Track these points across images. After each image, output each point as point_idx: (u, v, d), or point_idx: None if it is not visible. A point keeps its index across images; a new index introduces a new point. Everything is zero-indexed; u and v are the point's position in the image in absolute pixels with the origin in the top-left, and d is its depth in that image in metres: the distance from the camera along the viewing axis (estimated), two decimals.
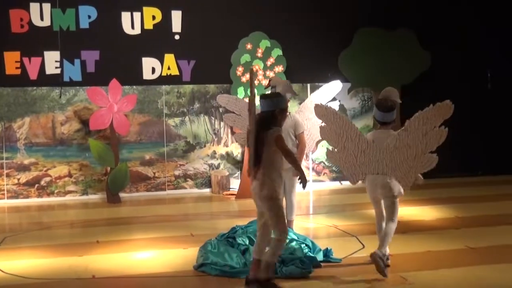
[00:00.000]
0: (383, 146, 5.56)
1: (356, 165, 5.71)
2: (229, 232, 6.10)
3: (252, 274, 5.03)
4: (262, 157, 5.02)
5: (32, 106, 10.02)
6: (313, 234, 7.16)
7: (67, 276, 5.60)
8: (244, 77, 10.26)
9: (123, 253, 6.42)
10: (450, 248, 6.33)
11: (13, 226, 8.32)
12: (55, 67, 10.04)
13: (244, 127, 7.27)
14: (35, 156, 10.02)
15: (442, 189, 10.10)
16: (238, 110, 7.41)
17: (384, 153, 5.54)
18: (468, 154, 11.33)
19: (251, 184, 5.13)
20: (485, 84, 11.85)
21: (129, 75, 10.24)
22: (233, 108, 7.47)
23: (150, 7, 10.39)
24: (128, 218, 8.60)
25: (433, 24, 11.30)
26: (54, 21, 9.99)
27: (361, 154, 5.70)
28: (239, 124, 7.49)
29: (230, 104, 7.54)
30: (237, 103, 7.52)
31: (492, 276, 5.37)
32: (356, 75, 11.06)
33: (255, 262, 5.04)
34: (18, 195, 9.95)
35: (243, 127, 7.29)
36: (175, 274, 5.58)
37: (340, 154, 5.77)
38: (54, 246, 6.76)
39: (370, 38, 11.01)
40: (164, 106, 10.45)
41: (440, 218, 7.98)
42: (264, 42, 10.38)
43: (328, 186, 11.09)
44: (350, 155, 5.73)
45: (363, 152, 5.68)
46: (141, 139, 10.40)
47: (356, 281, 5.28)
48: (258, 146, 5.02)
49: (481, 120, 11.52)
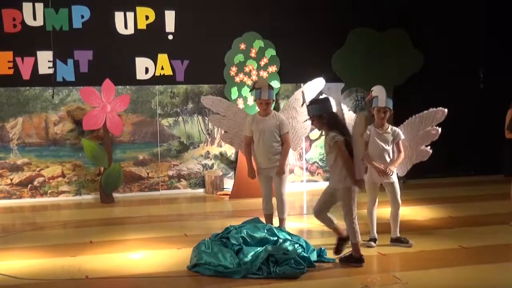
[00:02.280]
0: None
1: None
2: (223, 232, 6.10)
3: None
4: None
5: (25, 106, 9.98)
6: (307, 234, 7.17)
7: (60, 276, 5.59)
8: (238, 77, 10.26)
9: (116, 253, 6.41)
10: (443, 247, 6.35)
11: (6, 227, 8.29)
12: (48, 67, 10.00)
13: (229, 128, 7.29)
14: (28, 156, 9.99)
15: (435, 189, 10.13)
16: (223, 111, 7.42)
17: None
18: (460, 154, 11.37)
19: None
20: (477, 84, 11.89)
21: (123, 75, 10.22)
22: (218, 109, 7.49)
23: (144, 7, 10.37)
24: (121, 218, 8.59)
25: (425, 24, 11.33)
26: (47, 21, 9.95)
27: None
28: (224, 125, 7.51)
29: (214, 105, 7.56)
30: (222, 104, 7.54)
31: (485, 276, 5.39)
32: (349, 75, 11.08)
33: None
34: (11, 195, 9.92)
35: (229, 128, 7.31)
36: (169, 275, 5.58)
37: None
38: (47, 247, 6.75)
39: (363, 38, 11.02)
40: (158, 106, 10.44)
41: (433, 218, 8.00)
42: (258, 42, 10.38)
43: (322, 186, 11.07)
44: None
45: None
46: (134, 139, 10.38)
47: (350, 281, 5.29)
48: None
49: (473, 120, 11.56)
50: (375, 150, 6.36)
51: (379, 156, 6.35)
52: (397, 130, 6.45)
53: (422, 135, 6.54)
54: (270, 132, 6.73)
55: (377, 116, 6.40)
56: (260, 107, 6.85)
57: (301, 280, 5.32)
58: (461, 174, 11.62)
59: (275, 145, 6.73)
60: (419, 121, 6.54)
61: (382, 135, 6.38)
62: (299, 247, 5.83)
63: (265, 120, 6.79)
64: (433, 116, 6.50)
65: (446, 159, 6.75)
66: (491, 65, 11.78)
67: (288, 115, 7.18)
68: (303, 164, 11.09)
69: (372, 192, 6.53)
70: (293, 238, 6.01)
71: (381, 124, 6.40)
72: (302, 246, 5.87)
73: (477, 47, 11.65)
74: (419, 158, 6.64)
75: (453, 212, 8.31)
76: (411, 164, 6.68)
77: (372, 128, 6.41)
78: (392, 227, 6.53)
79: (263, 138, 6.75)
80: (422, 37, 11.14)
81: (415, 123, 6.56)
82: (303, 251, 5.79)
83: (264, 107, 6.79)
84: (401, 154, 6.43)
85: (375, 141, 6.37)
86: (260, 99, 6.79)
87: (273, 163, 6.75)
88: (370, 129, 6.39)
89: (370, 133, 6.37)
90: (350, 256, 5.79)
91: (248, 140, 6.91)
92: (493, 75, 11.81)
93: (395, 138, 6.41)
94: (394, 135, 6.40)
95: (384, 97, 6.34)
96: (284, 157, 6.78)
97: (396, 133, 6.42)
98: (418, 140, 6.56)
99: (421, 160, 6.65)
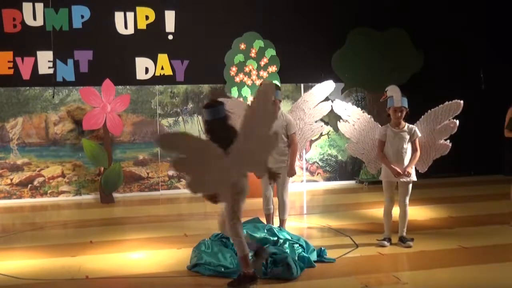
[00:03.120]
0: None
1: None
2: None
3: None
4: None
5: (25, 106, 9.99)
6: (307, 234, 7.16)
7: (60, 276, 5.58)
8: (238, 77, 10.26)
9: (116, 253, 6.40)
10: (443, 248, 6.34)
11: (6, 227, 8.29)
12: (48, 67, 10.01)
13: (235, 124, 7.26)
14: (28, 156, 9.99)
15: (435, 189, 10.13)
16: (231, 108, 7.40)
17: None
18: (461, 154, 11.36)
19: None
20: (478, 84, 11.88)
21: (123, 75, 10.23)
22: None
23: (144, 7, 10.38)
24: (121, 218, 8.59)
25: (425, 24, 11.33)
26: (47, 21, 9.96)
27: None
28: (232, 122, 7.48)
29: None
30: (231, 101, 7.51)
31: (485, 276, 5.39)
32: (350, 75, 11.08)
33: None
34: (11, 195, 9.92)
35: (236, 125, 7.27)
36: (169, 275, 5.58)
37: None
38: (47, 247, 6.74)
39: (363, 38, 11.03)
40: (158, 106, 10.44)
41: (434, 218, 8.00)
42: (258, 42, 10.38)
43: (321, 186, 11.11)
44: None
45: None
46: (134, 139, 10.38)
47: (350, 281, 5.29)
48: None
49: (474, 120, 11.55)
50: (392, 150, 6.38)
51: (396, 155, 6.37)
52: (414, 128, 6.45)
53: (440, 129, 6.51)
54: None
55: (393, 115, 6.41)
56: None
57: (301, 280, 5.32)
58: (461, 174, 11.62)
59: (281, 145, 6.70)
60: (435, 116, 6.52)
61: (398, 134, 6.39)
62: (299, 247, 5.82)
63: None
64: (449, 109, 6.50)
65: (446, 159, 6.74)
66: (492, 66, 11.78)
67: (295, 116, 7.15)
68: (303, 164, 11.09)
69: (389, 191, 6.52)
70: (293, 238, 6.01)
71: (397, 123, 6.42)
72: (302, 246, 5.87)
73: (478, 47, 11.64)
74: (439, 153, 6.58)
75: (453, 212, 8.31)
76: (431, 160, 6.61)
77: (389, 128, 6.43)
78: (400, 226, 6.55)
79: None
80: (422, 37, 11.14)
81: (431, 118, 6.55)
82: (303, 251, 5.79)
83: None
84: (417, 153, 6.44)
85: (392, 141, 6.39)
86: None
87: (278, 163, 6.72)
88: (386, 129, 6.42)
89: (386, 133, 6.40)
90: (239, 277, 5.17)
91: None
92: (494, 76, 11.80)
93: (412, 136, 6.43)
94: (410, 134, 6.42)
95: (399, 97, 6.36)
96: (293, 158, 6.76)
97: (413, 131, 6.43)
98: (436, 135, 6.52)
99: (442, 155, 6.59)
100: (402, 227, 6.54)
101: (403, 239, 6.46)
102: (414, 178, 6.46)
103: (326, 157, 11.23)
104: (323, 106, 7.28)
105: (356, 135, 6.80)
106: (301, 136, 7.20)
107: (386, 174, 6.47)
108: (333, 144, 11.21)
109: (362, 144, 6.80)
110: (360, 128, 6.79)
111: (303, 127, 7.18)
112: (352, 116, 6.84)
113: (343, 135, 7.19)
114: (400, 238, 6.49)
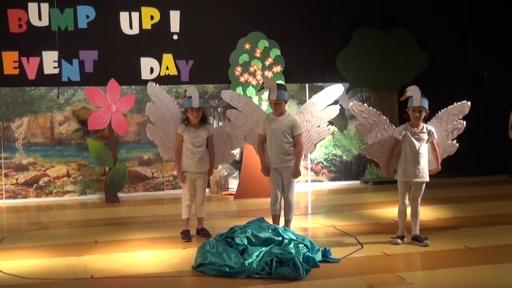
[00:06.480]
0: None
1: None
2: (228, 232, 6.09)
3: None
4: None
5: (31, 106, 10.01)
6: (312, 234, 7.17)
7: (66, 276, 5.60)
8: (243, 77, 10.26)
9: (121, 253, 6.41)
10: (448, 248, 6.33)
11: (12, 226, 8.31)
12: (53, 67, 10.03)
13: (245, 123, 7.27)
14: (34, 156, 10.01)
15: (440, 189, 10.10)
16: (241, 106, 7.41)
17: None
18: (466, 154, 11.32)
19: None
20: (482, 84, 11.85)
21: (128, 75, 10.23)
22: (236, 104, 7.47)
23: (149, 7, 10.39)
24: (126, 218, 8.60)
25: (431, 24, 11.31)
26: (52, 21, 9.98)
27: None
28: (240, 121, 7.49)
29: (233, 100, 7.53)
30: (240, 100, 7.53)
31: (490, 276, 5.38)
32: (355, 75, 11.07)
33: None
34: (17, 195, 9.95)
35: (245, 124, 7.29)
36: (174, 274, 5.58)
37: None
38: (53, 246, 6.76)
39: (368, 38, 11.03)
40: None
41: (438, 218, 7.98)
42: (263, 42, 10.38)
43: (326, 186, 11.09)
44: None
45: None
46: (139, 139, 10.39)
47: (355, 281, 5.28)
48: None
49: (478, 120, 11.50)
50: (411, 150, 6.39)
51: (414, 155, 6.38)
52: (432, 130, 6.49)
53: (450, 129, 6.63)
54: (282, 132, 6.70)
55: (412, 115, 6.44)
56: (271, 107, 6.87)
57: (306, 280, 5.31)
58: (466, 174, 11.59)
59: (286, 146, 6.70)
60: (447, 116, 6.63)
61: (417, 135, 6.41)
62: (304, 247, 5.82)
63: (277, 120, 6.78)
64: (458, 110, 6.62)
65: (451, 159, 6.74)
66: (496, 66, 11.75)
67: (303, 118, 7.13)
68: (308, 164, 11.08)
69: (404, 191, 6.56)
70: (298, 238, 6.00)
71: (416, 123, 6.44)
72: (307, 246, 5.86)
73: (482, 48, 11.62)
74: (447, 152, 6.71)
75: (458, 212, 8.29)
76: (440, 160, 6.68)
77: (408, 127, 6.44)
78: (412, 224, 6.59)
79: (274, 138, 6.74)
80: (427, 37, 11.12)
81: (443, 118, 6.63)
82: (308, 251, 5.78)
83: (274, 107, 6.78)
84: (437, 153, 6.57)
85: (411, 141, 6.40)
86: (270, 100, 6.82)
87: (284, 163, 6.72)
88: (406, 129, 6.43)
89: (405, 133, 6.41)
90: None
91: (261, 138, 6.90)
92: (498, 76, 11.77)
93: (430, 137, 6.46)
94: (429, 134, 6.45)
95: (419, 97, 6.37)
96: (298, 159, 6.76)
97: (431, 132, 6.48)
98: (446, 135, 6.64)
99: (449, 155, 6.71)
100: (415, 226, 6.57)
101: (419, 238, 6.49)
102: (427, 179, 6.48)
103: (331, 157, 11.21)
104: (331, 109, 7.28)
105: (372, 137, 6.76)
106: (308, 138, 7.18)
107: (403, 174, 6.49)
108: (338, 144, 11.19)
109: (377, 147, 6.77)
110: (375, 130, 6.77)
111: (310, 130, 7.17)
112: (369, 118, 6.78)
113: (347, 135, 7.20)
114: (416, 238, 6.51)
